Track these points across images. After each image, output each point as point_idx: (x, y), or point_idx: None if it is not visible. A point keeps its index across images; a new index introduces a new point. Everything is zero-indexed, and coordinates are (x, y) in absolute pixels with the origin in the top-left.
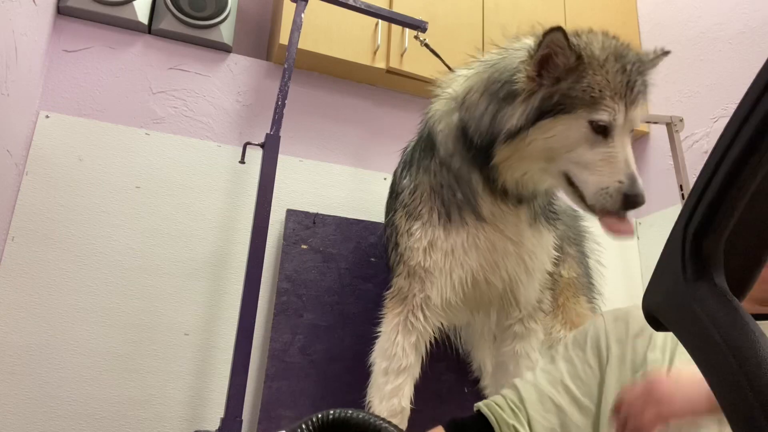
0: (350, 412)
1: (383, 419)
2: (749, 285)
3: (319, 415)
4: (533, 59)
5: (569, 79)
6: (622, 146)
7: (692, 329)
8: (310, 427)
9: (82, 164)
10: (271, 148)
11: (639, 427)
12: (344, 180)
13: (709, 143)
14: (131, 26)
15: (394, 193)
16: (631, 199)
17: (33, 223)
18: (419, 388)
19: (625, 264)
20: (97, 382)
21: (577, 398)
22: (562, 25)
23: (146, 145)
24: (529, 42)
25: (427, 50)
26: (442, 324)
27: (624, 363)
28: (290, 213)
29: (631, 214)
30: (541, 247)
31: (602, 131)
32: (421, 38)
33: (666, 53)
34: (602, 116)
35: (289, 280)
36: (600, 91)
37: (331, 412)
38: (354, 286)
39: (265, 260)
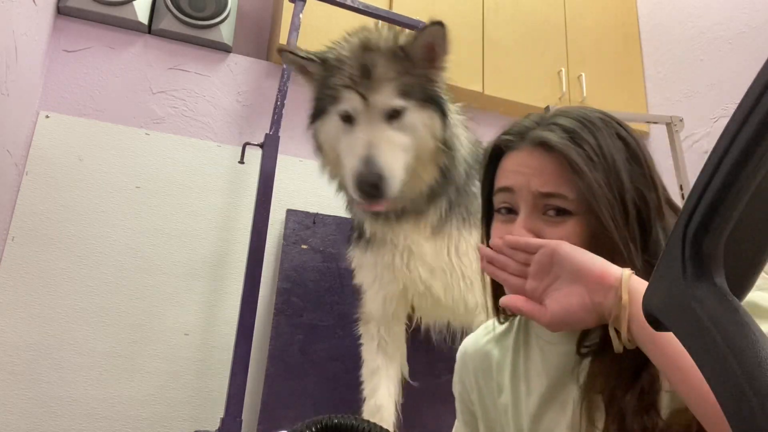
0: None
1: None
2: (749, 285)
3: (323, 418)
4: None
5: (320, 84)
6: (366, 130)
7: (692, 329)
8: (312, 429)
9: (82, 164)
10: (270, 148)
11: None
12: None
13: (709, 143)
14: (131, 26)
15: None
16: (360, 180)
17: (33, 223)
18: (419, 389)
19: None
20: (97, 382)
21: None
22: (562, 25)
23: (146, 145)
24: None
25: None
26: (419, 324)
27: (486, 413)
28: (290, 213)
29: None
30: (455, 249)
31: (349, 120)
32: None
33: (436, 23)
34: (343, 106)
35: (289, 280)
36: (334, 87)
37: (336, 417)
38: (354, 286)
39: (265, 260)
